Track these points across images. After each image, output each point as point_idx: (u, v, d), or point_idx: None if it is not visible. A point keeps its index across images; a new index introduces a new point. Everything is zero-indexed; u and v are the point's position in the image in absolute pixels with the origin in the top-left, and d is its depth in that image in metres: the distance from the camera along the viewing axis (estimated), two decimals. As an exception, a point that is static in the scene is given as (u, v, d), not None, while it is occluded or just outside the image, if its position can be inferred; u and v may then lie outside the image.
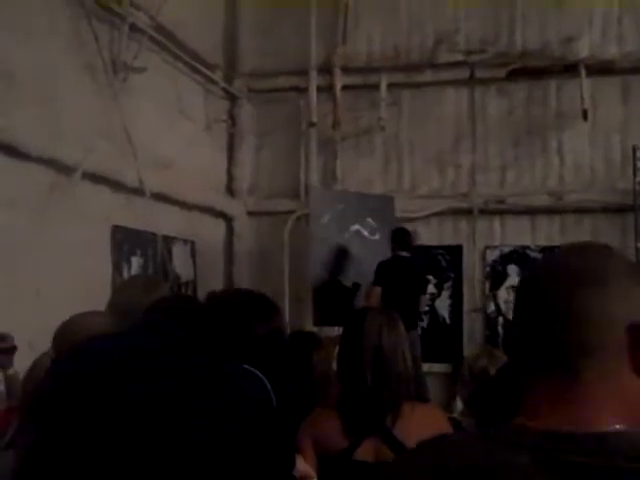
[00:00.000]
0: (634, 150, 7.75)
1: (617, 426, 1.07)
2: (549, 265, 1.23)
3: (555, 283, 1.15)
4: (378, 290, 6.98)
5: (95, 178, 5.92)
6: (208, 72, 8.14)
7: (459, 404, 4.08)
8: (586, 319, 1.11)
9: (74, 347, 1.99)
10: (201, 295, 7.84)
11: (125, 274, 6.35)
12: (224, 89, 8.68)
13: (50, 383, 1.93)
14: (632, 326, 1.09)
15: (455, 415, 4.42)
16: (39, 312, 4.90)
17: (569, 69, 8.11)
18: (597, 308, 1.11)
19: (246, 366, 1.93)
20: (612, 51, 8.18)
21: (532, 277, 1.22)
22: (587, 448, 1.03)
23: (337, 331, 7.30)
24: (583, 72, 7.97)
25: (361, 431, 2.63)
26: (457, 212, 8.43)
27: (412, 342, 4.91)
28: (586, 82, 7.95)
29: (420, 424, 2.60)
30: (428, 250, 8.44)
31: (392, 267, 7.08)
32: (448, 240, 8.49)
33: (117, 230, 6.32)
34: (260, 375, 1.93)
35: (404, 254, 7.20)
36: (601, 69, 8.09)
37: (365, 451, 2.62)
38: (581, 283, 1.13)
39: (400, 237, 7.25)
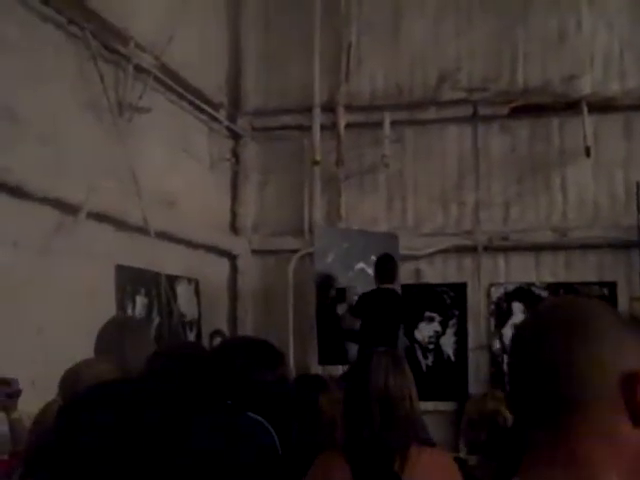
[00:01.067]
0: (638, 186, 7.74)
1: None
2: (539, 318, 1.23)
3: (544, 335, 1.16)
4: (350, 319, 7.02)
5: (99, 217, 5.92)
6: (212, 111, 8.20)
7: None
8: (577, 371, 1.11)
9: (78, 395, 1.97)
10: (205, 333, 7.83)
11: (129, 313, 6.33)
12: (228, 128, 8.73)
13: (55, 435, 1.91)
14: (625, 376, 1.10)
15: (461, 455, 4.36)
16: (42, 351, 4.89)
17: (571, 106, 8.15)
18: (586, 360, 1.11)
19: (251, 414, 1.90)
20: (614, 88, 8.23)
21: (523, 330, 1.23)
22: None
23: (342, 370, 7.27)
24: (585, 109, 8.01)
25: (369, 477, 2.58)
26: (461, 249, 8.41)
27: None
28: (588, 119, 7.99)
29: (428, 469, 2.57)
30: (432, 287, 8.43)
31: (372, 300, 6.94)
32: (452, 278, 8.47)
33: (121, 269, 6.30)
34: (265, 423, 1.90)
35: (387, 286, 7.01)
36: (603, 106, 8.13)
37: None
38: (570, 335, 1.14)
39: (381, 268, 7.05)
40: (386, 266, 7.07)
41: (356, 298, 7.17)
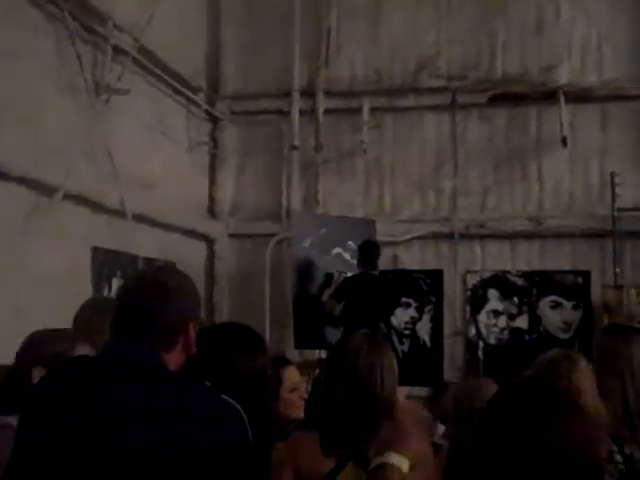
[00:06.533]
0: (612, 176, 7.82)
1: None
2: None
3: None
4: (333, 304, 7.06)
5: (76, 199, 5.89)
6: (191, 94, 8.16)
7: (440, 428, 4.08)
8: None
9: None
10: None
11: (106, 295, 6.30)
12: (206, 111, 8.69)
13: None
14: None
15: (435, 439, 4.41)
16: (19, 332, 4.85)
17: (549, 96, 8.20)
18: None
19: (225, 397, 1.91)
20: (591, 78, 8.29)
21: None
22: None
23: (318, 354, 7.31)
24: (562, 99, 8.06)
25: (333, 446, 2.61)
26: (438, 236, 8.46)
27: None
28: (565, 109, 8.05)
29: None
30: (409, 274, 8.47)
31: (355, 284, 7.03)
32: (429, 264, 8.52)
33: (98, 251, 6.28)
34: (237, 406, 1.91)
35: (370, 272, 7.10)
36: (580, 96, 8.19)
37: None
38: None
39: (364, 254, 7.13)
40: (369, 252, 7.13)
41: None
